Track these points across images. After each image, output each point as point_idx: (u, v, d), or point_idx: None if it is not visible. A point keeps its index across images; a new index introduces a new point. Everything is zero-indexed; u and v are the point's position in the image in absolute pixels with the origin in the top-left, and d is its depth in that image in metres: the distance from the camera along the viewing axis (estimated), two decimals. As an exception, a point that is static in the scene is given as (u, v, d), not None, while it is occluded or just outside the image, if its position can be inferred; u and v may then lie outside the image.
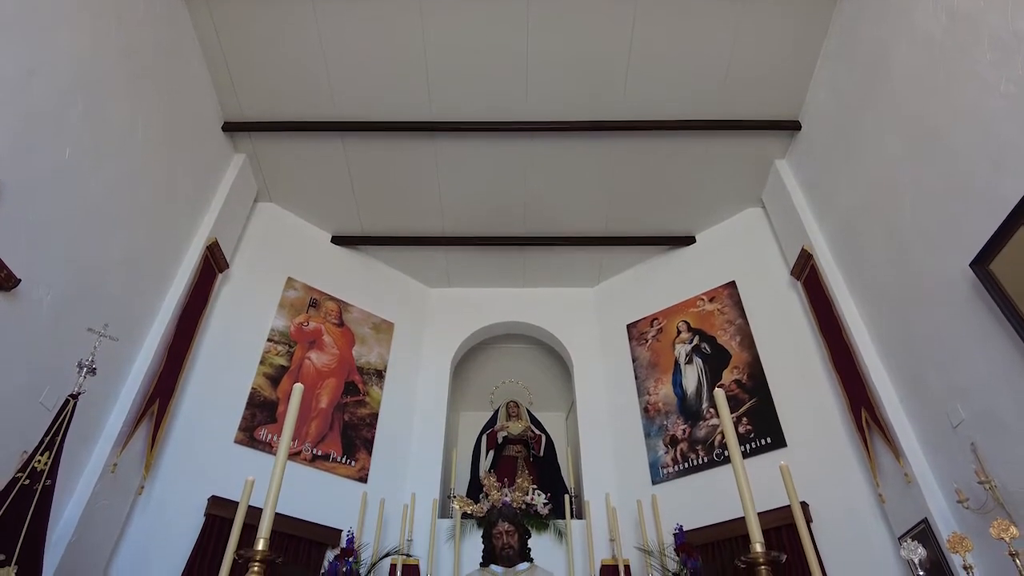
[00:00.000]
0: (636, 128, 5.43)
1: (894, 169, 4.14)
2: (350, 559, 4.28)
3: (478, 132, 5.49)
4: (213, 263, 5.12)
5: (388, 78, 5.17)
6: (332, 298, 6.10)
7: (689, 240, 6.45)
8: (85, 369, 3.20)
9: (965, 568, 2.82)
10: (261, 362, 5.29)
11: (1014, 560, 2.69)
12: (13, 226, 3.25)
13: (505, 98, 5.29)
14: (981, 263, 3.27)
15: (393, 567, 4.60)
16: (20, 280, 3.24)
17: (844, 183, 4.78)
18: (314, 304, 5.94)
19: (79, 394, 3.11)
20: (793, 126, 5.40)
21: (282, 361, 5.44)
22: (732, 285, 5.86)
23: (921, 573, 2.85)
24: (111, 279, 4.09)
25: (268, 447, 4.94)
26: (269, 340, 5.44)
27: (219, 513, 4.35)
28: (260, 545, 1.84)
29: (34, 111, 3.35)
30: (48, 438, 2.93)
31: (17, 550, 2.64)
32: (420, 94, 5.26)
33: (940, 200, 3.68)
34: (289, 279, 5.88)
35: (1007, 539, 2.72)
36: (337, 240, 6.45)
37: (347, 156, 5.74)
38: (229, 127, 5.46)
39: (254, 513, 2.81)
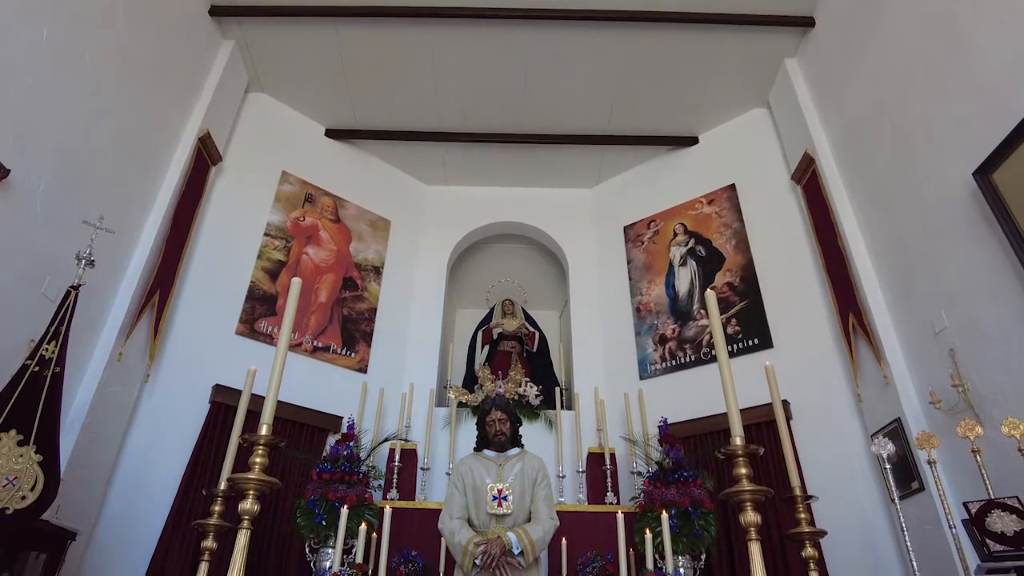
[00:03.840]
0: (643, 19, 5.15)
1: (909, 69, 3.99)
2: (351, 443, 4.51)
3: (477, 19, 5.20)
4: (206, 155, 5.02)
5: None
6: (328, 193, 6.04)
7: (692, 141, 6.30)
8: (84, 261, 3.24)
9: (929, 463, 3.01)
10: (259, 256, 5.32)
11: (976, 456, 2.87)
12: (-3, 113, 3.16)
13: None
14: (984, 172, 3.23)
15: (392, 451, 4.87)
16: (9, 170, 3.19)
17: (854, 85, 4.62)
18: (310, 199, 5.89)
19: (79, 285, 3.16)
20: (806, 22, 5.14)
21: (280, 256, 5.46)
22: (732, 188, 5.80)
23: (888, 466, 3.04)
24: (102, 169, 4.03)
25: (269, 338, 5.07)
26: (266, 235, 5.44)
27: (223, 400, 4.54)
28: (263, 431, 1.92)
29: (6, -12, 3.17)
30: (53, 328, 3.01)
31: (34, 431, 2.78)
32: (416, -24, 4.95)
33: (952, 104, 3.58)
34: (284, 173, 5.79)
35: (972, 437, 2.89)
36: (331, 133, 6.29)
37: (340, 44, 5.47)
38: (216, 11, 5.16)
39: (257, 401, 2.92)
